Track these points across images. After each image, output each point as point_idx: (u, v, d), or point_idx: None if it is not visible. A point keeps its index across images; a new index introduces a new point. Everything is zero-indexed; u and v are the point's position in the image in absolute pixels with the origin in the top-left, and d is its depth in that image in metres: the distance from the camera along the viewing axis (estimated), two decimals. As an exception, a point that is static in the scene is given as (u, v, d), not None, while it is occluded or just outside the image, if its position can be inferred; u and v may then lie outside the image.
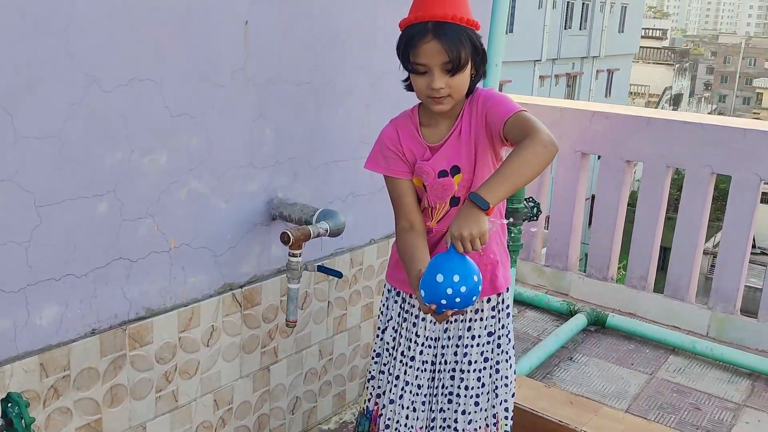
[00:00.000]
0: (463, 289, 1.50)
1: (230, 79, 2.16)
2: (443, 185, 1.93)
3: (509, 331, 2.10)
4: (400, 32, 1.87)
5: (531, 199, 3.23)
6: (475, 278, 1.56)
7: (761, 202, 3.68)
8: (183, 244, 2.14)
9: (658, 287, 4.04)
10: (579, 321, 3.78)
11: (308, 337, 2.66)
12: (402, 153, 1.96)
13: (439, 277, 1.53)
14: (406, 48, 1.82)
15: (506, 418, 2.10)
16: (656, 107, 36.45)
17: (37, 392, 1.83)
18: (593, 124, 3.95)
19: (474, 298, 1.57)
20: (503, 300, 2.07)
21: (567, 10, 25.62)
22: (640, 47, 35.81)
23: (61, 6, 1.70)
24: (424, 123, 1.97)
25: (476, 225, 1.61)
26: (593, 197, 4.09)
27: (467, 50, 1.80)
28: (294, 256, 2.23)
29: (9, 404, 1.45)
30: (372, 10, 2.59)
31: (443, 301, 1.54)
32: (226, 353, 2.34)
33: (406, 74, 1.93)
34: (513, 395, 2.12)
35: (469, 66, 1.84)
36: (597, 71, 28.07)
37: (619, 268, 4.37)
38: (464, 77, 1.84)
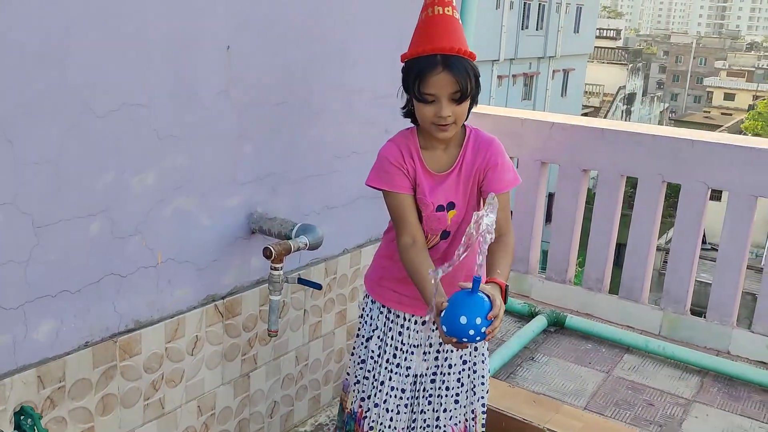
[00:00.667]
0: (483, 329, 1.62)
1: (213, 101, 2.27)
2: (438, 219, 2.08)
3: (485, 353, 2.28)
4: (404, 64, 2.01)
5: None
6: (490, 317, 1.67)
7: (711, 199, 3.90)
8: (169, 258, 2.24)
9: (614, 289, 4.26)
10: (539, 322, 3.97)
11: (285, 344, 2.78)
12: (405, 169, 2.06)
13: (463, 319, 1.62)
14: (417, 78, 1.94)
15: (483, 412, 2.30)
16: (611, 106, 37.21)
17: (35, 403, 1.92)
18: (552, 134, 4.14)
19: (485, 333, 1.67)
20: None
21: (524, 10, 26.02)
22: (595, 47, 36.50)
23: (58, 39, 1.80)
24: (423, 146, 2.09)
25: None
26: (551, 195, 4.28)
27: (471, 81, 1.96)
28: (275, 269, 2.35)
29: (22, 416, 1.55)
30: (345, 33, 2.72)
31: (464, 339, 1.66)
32: (209, 361, 2.46)
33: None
34: (487, 391, 2.31)
35: (469, 97, 1.98)
36: (553, 71, 28.57)
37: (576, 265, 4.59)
38: (467, 105, 1.99)
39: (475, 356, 2.25)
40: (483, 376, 2.28)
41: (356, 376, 2.32)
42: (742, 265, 3.79)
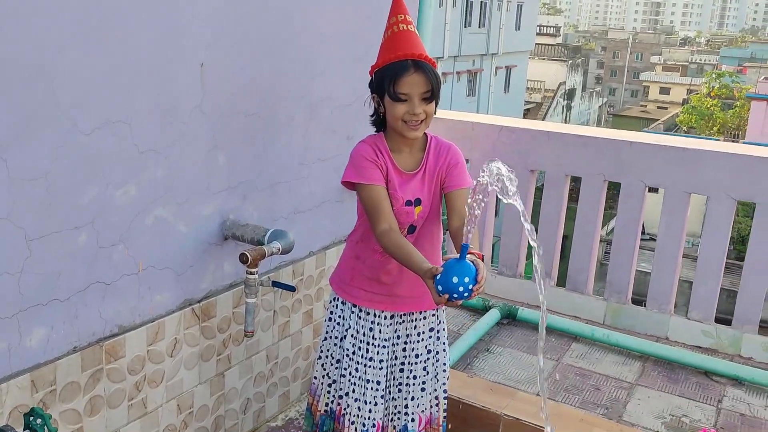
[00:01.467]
0: (470, 286, 1.88)
1: (189, 115, 2.39)
2: (407, 213, 2.28)
3: (445, 327, 2.50)
4: (377, 72, 2.22)
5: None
6: (477, 278, 1.91)
7: (649, 191, 4.17)
8: (149, 266, 2.36)
9: (561, 281, 4.51)
10: (493, 315, 4.19)
11: (257, 344, 2.92)
12: (379, 164, 2.25)
13: (455, 279, 1.88)
14: (391, 80, 2.15)
15: (444, 399, 2.52)
16: (552, 102, 38.01)
17: (29, 406, 2.02)
18: (501, 137, 4.37)
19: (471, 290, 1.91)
20: (438, 313, 2.49)
21: (466, 8, 26.43)
22: (536, 44, 37.26)
23: (50, 59, 1.90)
24: (393, 149, 2.29)
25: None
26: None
27: (438, 83, 2.20)
28: (251, 273, 2.49)
29: (32, 417, 1.66)
30: (310, 47, 2.87)
31: (455, 295, 1.90)
32: (187, 362, 2.58)
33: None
34: (448, 378, 2.53)
35: (436, 97, 2.22)
36: (496, 68, 29.11)
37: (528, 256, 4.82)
38: (434, 105, 2.22)
39: (437, 345, 2.47)
40: (444, 364, 2.50)
41: (331, 377, 2.49)
42: (678, 257, 4.07)
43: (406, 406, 2.44)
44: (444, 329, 2.50)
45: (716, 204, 3.90)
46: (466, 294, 1.89)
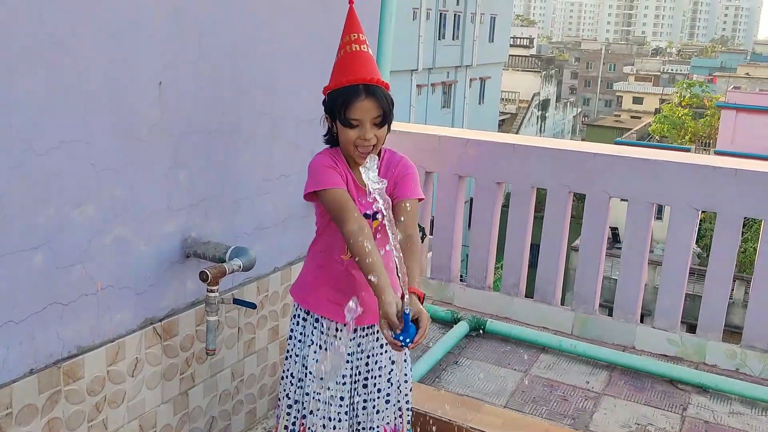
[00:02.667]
0: (407, 341, 2.01)
1: (148, 133, 2.39)
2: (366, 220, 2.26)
3: (407, 354, 2.51)
4: (328, 95, 2.24)
5: (421, 229, 3.61)
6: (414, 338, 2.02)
7: (622, 200, 4.22)
8: (109, 285, 2.35)
9: (530, 291, 4.54)
10: (462, 328, 4.21)
11: (221, 362, 2.91)
12: (339, 171, 2.26)
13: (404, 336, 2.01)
14: (342, 105, 2.16)
15: (408, 410, 2.53)
16: (526, 112, 38.34)
17: (-16, 431, 2.00)
18: (468, 150, 4.40)
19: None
20: None
21: (440, 21, 26.63)
22: (510, 55, 37.59)
23: (2, 82, 1.90)
24: (349, 163, 2.31)
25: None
26: (472, 201, 4.53)
27: (390, 107, 2.21)
28: (212, 291, 2.49)
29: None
30: (271, 64, 2.88)
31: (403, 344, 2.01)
32: (149, 382, 2.57)
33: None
34: (411, 389, 2.55)
35: (387, 121, 2.23)
36: (470, 79, 29.32)
37: (496, 268, 4.86)
38: (385, 129, 2.23)
39: (400, 355, 2.47)
40: (406, 374, 2.51)
41: (291, 397, 2.47)
42: (643, 266, 4.13)
43: (371, 420, 2.44)
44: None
45: (679, 214, 3.96)
46: (408, 342, 2.01)
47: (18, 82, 1.94)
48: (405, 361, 2.51)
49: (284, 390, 2.50)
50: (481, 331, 4.29)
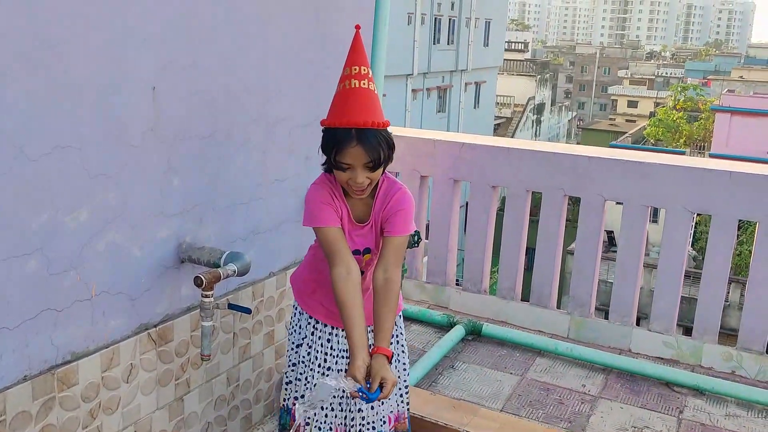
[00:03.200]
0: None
1: (141, 138, 2.39)
2: (356, 261, 2.28)
3: (403, 330, 2.57)
4: (324, 131, 2.22)
5: (417, 232, 3.61)
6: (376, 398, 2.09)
7: (618, 203, 4.23)
8: (103, 291, 2.34)
9: (525, 295, 4.54)
10: (458, 332, 4.20)
11: (217, 367, 2.90)
12: (334, 207, 2.27)
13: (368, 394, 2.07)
14: (333, 149, 2.15)
15: (407, 391, 2.57)
16: (522, 116, 38.40)
17: (-23, 438, 1.99)
18: (462, 153, 4.40)
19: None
20: (398, 324, 2.53)
21: (435, 26, 26.70)
22: (505, 60, 37.69)
23: (-9, 88, 1.90)
24: (346, 193, 2.30)
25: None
26: (467, 204, 4.53)
27: (384, 151, 2.17)
28: (206, 296, 2.48)
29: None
30: (264, 68, 2.88)
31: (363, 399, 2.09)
32: (144, 388, 2.56)
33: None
34: (408, 374, 2.59)
35: (383, 164, 2.21)
36: (466, 84, 29.39)
37: (492, 272, 4.85)
38: (380, 171, 2.22)
39: (398, 348, 2.51)
40: (405, 363, 2.56)
41: (289, 377, 2.54)
42: (638, 269, 4.13)
43: (377, 413, 2.45)
44: (402, 333, 2.56)
45: (674, 216, 3.97)
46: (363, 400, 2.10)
47: (9, 87, 1.94)
48: (404, 352, 2.54)
49: (287, 368, 2.59)
50: (477, 335, 4.29)
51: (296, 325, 2.51)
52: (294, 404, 2.49)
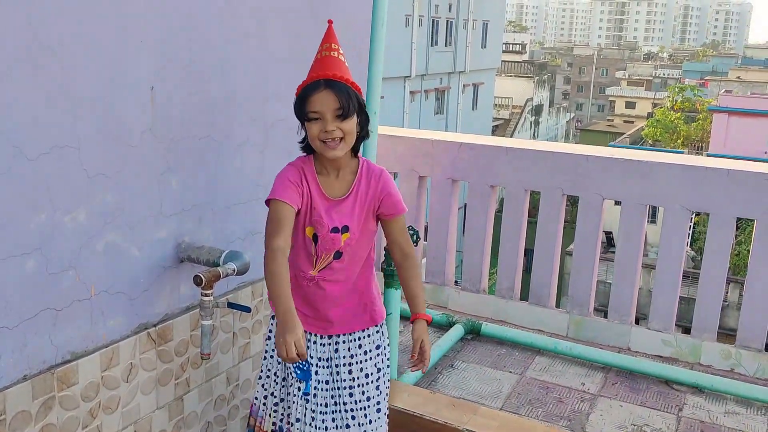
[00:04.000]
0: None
1: (140, 139, 2.39)
2: (332, 239, 2.27)
3: (388, 342, 2.51)
4: (296, 97, 2.22)
5: (411, 227, 3.60)
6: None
7: (616, 203, 4.24)
8: (102, 291, 2.34)
9: (524, 295, 4.54)
10: (457, 331, 4.21)
11: (216, 367, 2.90)
12: (300, 191, 2.25)
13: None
14: (302, 100, 2.17)
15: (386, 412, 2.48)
16: (520, 118, 38.43)
17: (-23, 438, 1.99)
18: (461, 153, 4.41)
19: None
20: (374, 340, 2.45)
21: (432, 27, 26.71)
22: (502, 61, 37.72)
23: (-10, 88, 1.90)
24: (318, 172, 2.30)
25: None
26: (465, 205, 4.54)
27: (353, 102, 2.18)
28: (206, 295, 2.48)
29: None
30: (261, 70, 2.88)
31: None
32: (144, 387, 2.56)
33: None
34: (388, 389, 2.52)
35: (356, 117, 2.20)
36: (464, 85, 29.41)
37: (491, 273, 4.86)
38: (353, 124, 2.20)
39: (385, 362, 2.46)
40: (388, 380, 2.49)
41: (277, 395, 2.47)
42: (637, 267, 4.14)
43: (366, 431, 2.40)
44: (388, 344, 2.50)
45: (672, 215, 3.98)
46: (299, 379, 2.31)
47: (8, 88, 1.94)
48: (388, 366, 2.48)
49: (265, 389, 2.50)
50: (476, 335, 4.29)
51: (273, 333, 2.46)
52: (289, 423, 2.42)
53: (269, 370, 2.49)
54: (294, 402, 2.39)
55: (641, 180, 3.99)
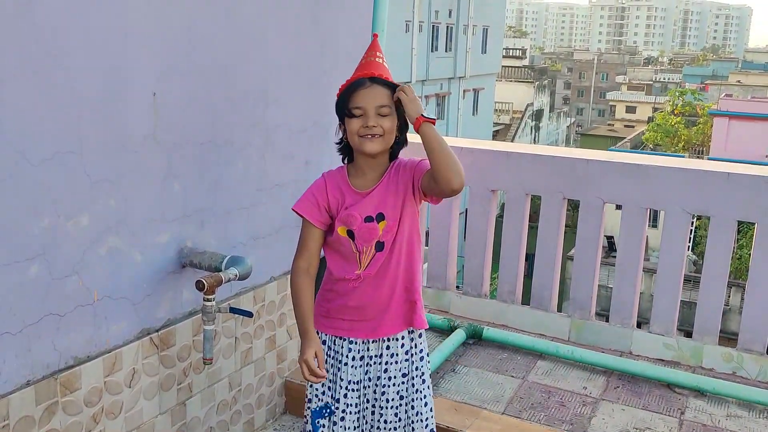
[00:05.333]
0: None
1: (142, 144, 2.40)
2: (369, 229, 2.24)
3: (423, 373, 2.42)
4: (339, 95, 2.24)
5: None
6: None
7: (617, 208, 4.23)
8: (105, 296, 2.35)
9: (525, 299, 4.55)
10: (459, 336, 4.21)
11: (219, 372, 2.91)
12: (326, 203, 2.28)
13: None
14: (345, 97, 2.19)
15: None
16: (520, 123, 38.46)
17: (-20, 443, 2.00)
18: (461, 158, 4.37)
19: None
20: (416, 344, 2.41)
21: (432, 33, 26.77)
22: (503, 66, 37.77)
23: (-7, 94, 1.91)
24: (352, 174, 2.31)
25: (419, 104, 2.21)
26: (467, 210, 4.54)
27: (395, 101, 2.19)
28: (208, 300, 2.49)
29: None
30: (263, 75, 2.90)
31: None
32: (147, 392, 2.57)
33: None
34: (431, 417, 2.44)
35: (396, 118, 2.21)
36: (464, 91, 29.45)
37: (493, 278, 4.85)
38: (393, 123, 2.21)
39: (413, 393, 2.39)
40: (421, 413, 2.39)
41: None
42: (638, 271, 4.14)
43: None
44: (422, 377, 2.42)
45: (672, 218, 3.98)
46: None
47: (10, 94, 1.96)
48: (422, 399, 2.40)
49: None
50: (478, 339, 4.29)
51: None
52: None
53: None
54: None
55: (641, 183, 3.99)
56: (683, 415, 3.56)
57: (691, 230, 3.96)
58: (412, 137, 2.32)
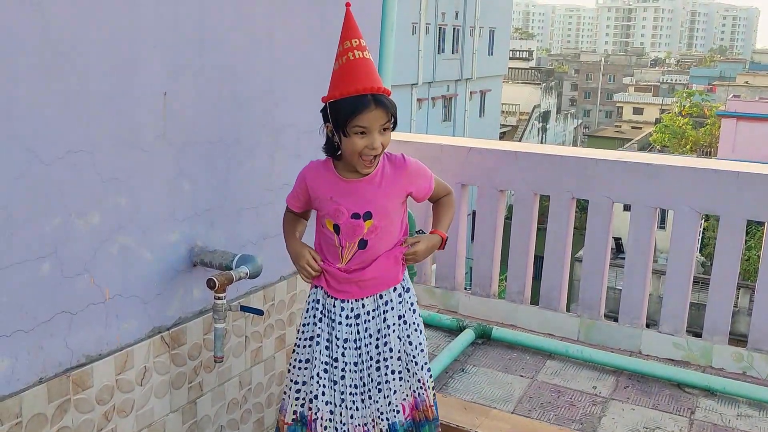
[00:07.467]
0: None
1: (152, 143, 2.41)
2: (354, 226, 2.30)
3: (412, 304, 2.50)
4: (333, 104, 2.26)
5: (421, 231, 3.62)
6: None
7: (624, 210, 4.24)
8: (116, 294, 2.36)
9: (534, 300, 4.54)
10: (468, 335, 4.21)
11: (229, 370, 2.92)
12: (304, 189, 2.43)
13: None
14: (349, 114, 2.19)
15: (430, 377, 2.50)
16: (527, 124, 38.42)
17: (-7, 440, 2.01)
18: (470, 158, 4.42)
19: None
20: (405, 287, 2.50)
21: (439, 35, 26.79)
22: (509, 68, 37.77)
23: (4, 92, 1.92)
24: (340, 168, 2.37)
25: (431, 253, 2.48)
26: (474, 213, 4.55)
27: (395, 113, 2.26)
28: (219, 298, 2.50)
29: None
30: (271, 75, 2.91)
31: None
32: (158, 391, 2.57)
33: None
34: (427, 361, 2.52)
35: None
36: (471, 92, 29.45)
37: (501, 279, 4.85)
38: (390, 134, 2.27)
39: (407, 328, 2.47)
40: (420, 344, 2.49)
41: (301, 380, 2.50)
42: (647, 271, 4.13)
43: (390, 403, 2.42)
44: (412, 309, 2.50)
45: (682, 217, 3.97)
46: None
47: (23, 93, 1.97)
48: (416, 330, 2.49)
49: (291, 379, 2.53)
50: (487, 339, 4.29)
51: (312, 317, 2.48)
52: (311, 408, 2.46)
53: (294, 359, 2.53)
54: (318, 382, 2.41)
55: (650, 182, 3.99)
56: (693, 414, 3.55)
57: (700, 231, 3.95)
58: (393, 135, 2.34)
